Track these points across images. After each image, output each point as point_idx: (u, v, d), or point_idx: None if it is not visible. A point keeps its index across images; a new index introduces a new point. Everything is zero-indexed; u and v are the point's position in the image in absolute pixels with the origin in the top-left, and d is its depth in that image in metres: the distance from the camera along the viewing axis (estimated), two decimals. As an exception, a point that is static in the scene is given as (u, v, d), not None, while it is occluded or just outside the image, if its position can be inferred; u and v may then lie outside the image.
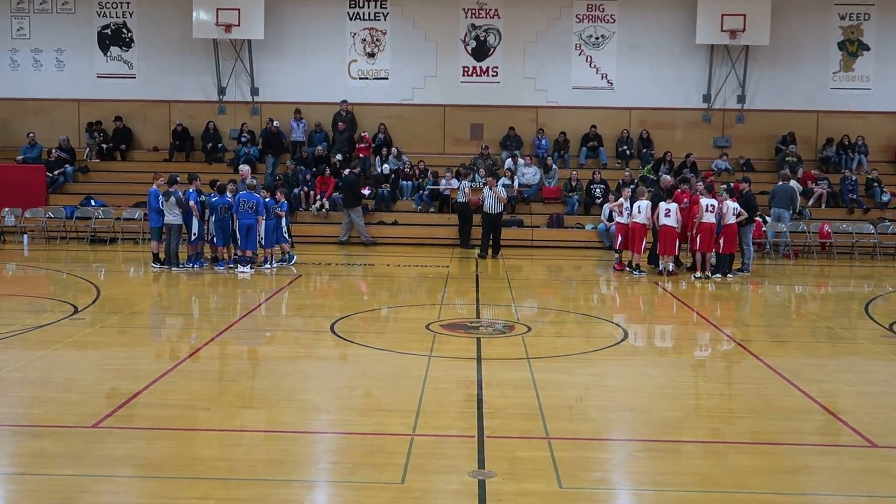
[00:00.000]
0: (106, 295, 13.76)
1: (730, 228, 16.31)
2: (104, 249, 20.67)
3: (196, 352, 9.86)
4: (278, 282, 15.66)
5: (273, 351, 10.26)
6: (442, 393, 8.15)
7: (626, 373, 9.34)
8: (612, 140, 25.51)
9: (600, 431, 7.32)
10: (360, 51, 25.75)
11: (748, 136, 25.55)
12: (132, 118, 25.94)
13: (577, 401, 8.09)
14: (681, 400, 8.23)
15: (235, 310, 13.18)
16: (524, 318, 12.29)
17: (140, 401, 7.74)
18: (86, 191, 23.83)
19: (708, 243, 16.24)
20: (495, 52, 25.63)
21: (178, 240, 16.65)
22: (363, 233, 21.66)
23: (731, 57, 25.17)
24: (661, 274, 16.61)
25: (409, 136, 25.56)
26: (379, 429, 7.09)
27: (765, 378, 9.02)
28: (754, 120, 25.51)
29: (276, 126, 24.64)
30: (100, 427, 6.99)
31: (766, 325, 12.67)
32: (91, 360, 9.36)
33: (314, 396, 8.16)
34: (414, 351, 9.92)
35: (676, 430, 7.26)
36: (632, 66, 25.46)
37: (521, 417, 7.41)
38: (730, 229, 16.31)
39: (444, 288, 15.15)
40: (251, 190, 16.39)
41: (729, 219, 16.27)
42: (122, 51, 25.96)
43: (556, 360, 9.75)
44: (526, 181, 23.75)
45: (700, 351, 10.85)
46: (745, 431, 7.27)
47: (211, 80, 25.80)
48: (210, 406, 7.65)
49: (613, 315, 13.39)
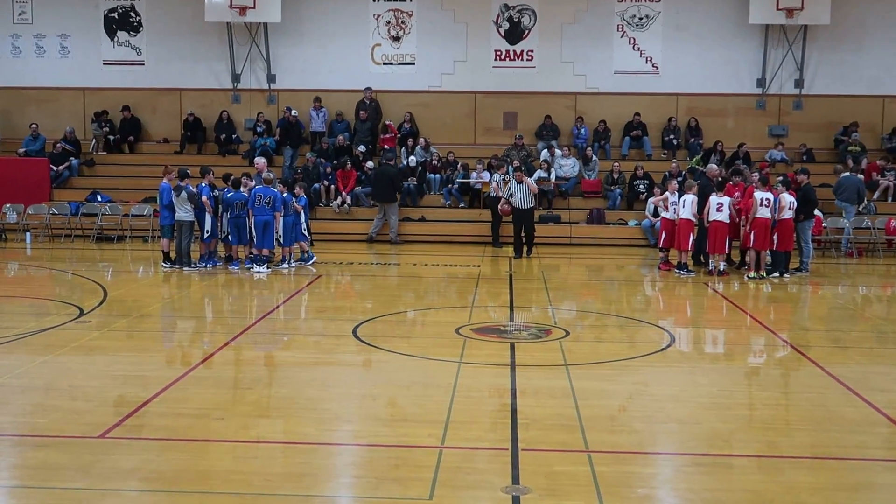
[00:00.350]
0: (113, 296, 13.89)
1: (785, 224, 16.18)
2: (111, 248, 20.87)
3: (209, 357, 9.91)
4: (297, 282, 15.73)
5: (291, 356, 10.30)
6: (473, 402, 8.15)
7: (672, 381, 9.28)
8: (658, 129, 25.39)
9: (644, 444, 7.28)
10: (384, 34, 25.81)
11: (806, 124, 25.31)
12: (141, 108, 26.19)
13: (619, 411, 8.05)
14: (732, 410, 8.17)
15: (251, 312, 13.26)
16: (562, 322, 12.25)
17: (150, 409, 7.80)
18: (92, 185, 24.11)
19: (763, 240, 16.11)
20: (530, 35, 25.59)
21: (190, 238, 16.78)
22: (395, 231, 21.72)
23: (787, 37, 24.94)
24: (711, 274, 16.51)
25: (437, 126, 25.59)
26: (405, 440, 7.09)
27: (825, 387, 8.93)
28: (813, 106, 25.27)
29: (294, 115, 24.76)
30: (107, 437, 7.05)
31: (827, 328, 12.54)
32: (97, 366, 9.44)
33: (335, 405, 8.19)
34: (443, 357, 9.92)
35: (728, 444, 7.21)
36: (679, 49, 25.32)
37: (559, 429, 7.38)
38: (785, 225, 16.18)
39: (476, 289, 15.14)
40: (267, 184, 16.49)
41: (786, 213, 16.13)
42: (130, 36, 26.21)
43: (597, 366, 9.71)
44: (563, 174, 23.68)
45: (754, 357, 10.76)
46: (804, 445, 7.19)
47: (224, 66, 25.99)
48: (224, 415, 7.69)
49: (659, 318, 13.32)
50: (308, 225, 18.03)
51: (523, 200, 19.14)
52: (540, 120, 25.25)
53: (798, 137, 25.14)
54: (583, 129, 25.19)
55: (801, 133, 25.24)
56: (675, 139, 25.05)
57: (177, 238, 16.71)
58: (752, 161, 23.34)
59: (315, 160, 23.48)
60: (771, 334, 11.80)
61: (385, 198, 21.69)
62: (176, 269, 16.55)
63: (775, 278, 16.23)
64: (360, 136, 24.53)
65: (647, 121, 25.25)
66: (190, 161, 22.71)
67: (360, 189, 23.08)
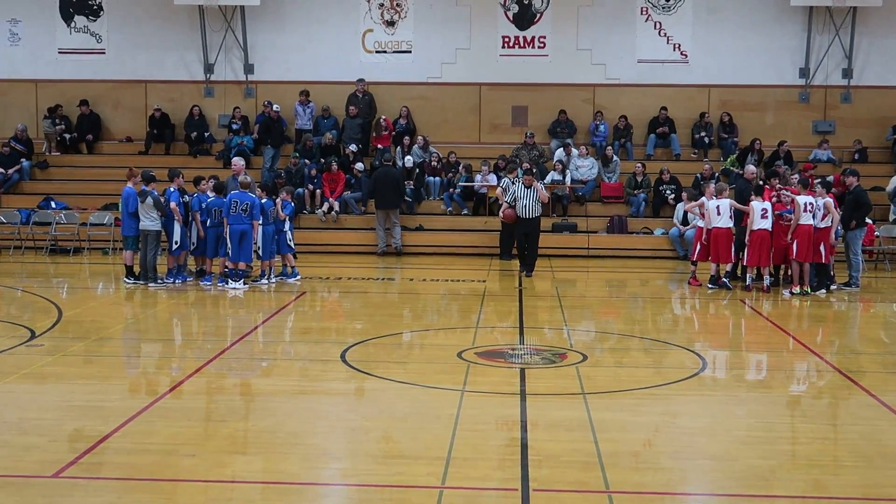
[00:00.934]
0: (69, 316, 13.88)
1: (803, 231, 16.13)
2: (67, 261, 20.87)
3: (178, 386, 9.90)
4: (278, 300, 15.72)
5: (272, 384, 10.29)
6: (478, 436, 8.14)
7: (705, 412, 9.27)
8: (687, 125, 25.43)
9: (673, 484, 7.27)
10: (376, 18, 25.88)
11: (856, 119, 25.35)
12: (101, 102, 26.24)
13: (643, 446, 8.04)
14: (773, 445, 8.15)
15: (226, 334, 13.24)
16: (579, 345, 12.25)
17: (110, 445, 7.79)
18: (45, 191, 24.14)
19: (806, 251, 16.11)
20: (542, 19, 25.66)
21: (157, 250, 16.79)
22: (398, 240, 21.79)
23: (834, 22, 25.00)
24: (749, 290, 16.50)
25: (437, 122, 25.65)
26: (401, 480, 7.09)
27: (878, 418, 8.93)
28: (864, 99, 25.30)
29: (276, 110, 24.76)
30: (62, 477, 7.04)
31: (881, 352, 12.53)
32: (51, 396, 9.43)
33: (322, 440, 8.19)
34: (443, 385, 9.91)
35: (768, 483, 7.20)
36: (711, 34, 25.37)
37: (576, 466, 7.38)
38: (803, 231, 16.14)
39: (481, 308, 15.14)
40: (244, 189, 16.51)
41: (804, 218, 16.08)
42: (90, 21, 26.28)
43: (619, 395, 9.70)
44: (580, 176, 23.72)
45: (797, 384, 10.76)
46: (855, 484, 7.19)
47: (196, 55, 26.05)
48: (195, 452, 7.69)
49: (689, 340, 13.32)
50: (292, 235, 18.04)
51: (529, 208, 18.15)
52: (553, 115, 25.29)
53: (846, 134, 25.18)
54: (602, 125, 25.23)
55: (850, 129, 25.28)
56: (707, 137, 25.08)
57: (141, 250, 16.71)
58: (794, 161, 23.39)
59: (299, 161, 23.50)
60: (816, 358, 11.79)
61: (389, 204, 21.72)
62: (140, 286, 16.55)
63: (823, 294, 16.24)
64: (351, 133, 24.53)
65: (674, 116, 25.28)
66: (157, 163, 22.77)
67: (350, 194, 23.10)
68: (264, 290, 16.59)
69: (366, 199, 22.78)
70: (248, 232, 16.47)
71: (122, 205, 16.91)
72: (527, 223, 18.29)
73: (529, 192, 18.12)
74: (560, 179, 23.01)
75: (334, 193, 23.00)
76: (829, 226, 16.32)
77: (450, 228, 22.88)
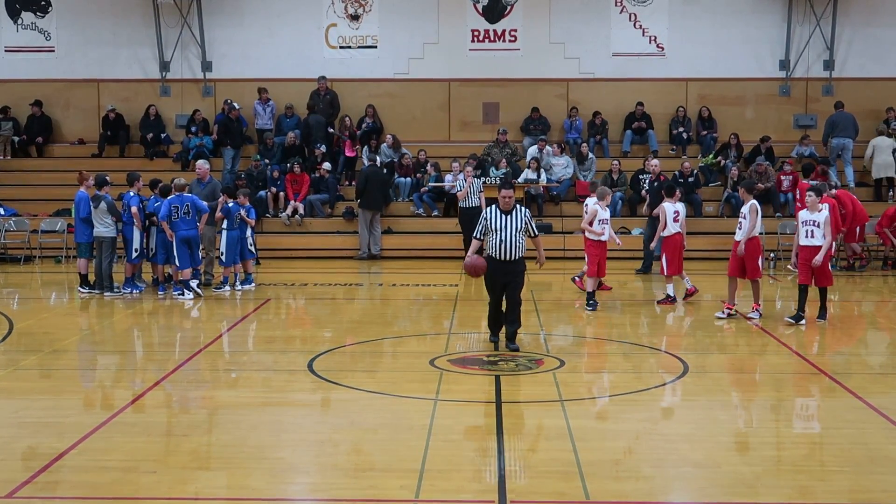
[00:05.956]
0: (21, 328, 13.79)
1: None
2: (17, 270, 20.73)
3: (137, 399, 9.87)
4: (242, 308, 15.68)
5: (235, 396, 10.26)
6: (452, 447, 8.16)
7: (687, 417, 9.33)
8: (664, 121, 25.54)
9: (655, 493, 7.31)
10: (340, 12, 25.86)
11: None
12: (51, 102, 26.07)
13: (624, 454, 8.08)
14: (758, 451, 8.22)
15: (187, 345, 13.20)
16: (556, 350, 12.28)
17: (66, 463, 7.75)
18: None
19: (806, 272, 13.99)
20: (513, 11, 25.70)
21: (112, 257, 16.69)
22: (377, 243, 21.86)
23: (814, 11, 25.18)
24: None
25: (405, 121, 25.64)
26: (372, 493, 7.09)
27: (865, 421, 9.01)
28: (846, 91, 25.44)
29: (236, 109, 24.66)
30: (14, 497, 7.00)
31: (867, 352, 12.62)
32: (3, 413, 9.37)
33: (289, 454, 8.17)
34: (415, 394, 9.93)
35: (753, 490, 7.25)
36: (688, 26, 25.51)
37: (554, 476, 7.41)
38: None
39: (453, 313, 15.16)
40: (179, 192, 16.39)
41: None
42: (37, 17, 26.12)
43: (598, 402, 9.73)
44: (555, 175, 23.78)
45: (781, 387, 10.82)
46: (842, 490, 7.26)
47: (151, 52, 25.93)
48: (156, 468, 7.66)
49: (671, 344, 13.36)
50: (254, 239, 17.99)
51: (509, 245, 11.97)
52: (526, 112, 25.35)
53: (829, 128, 25.30)
54: (577, 121, 25.31)
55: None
56: (686, 132, 25.19)
57: (96, 258, 16.64)
58: (775, 157, 23.53)
59: (261, 163, 23.45)
60: (801, 360, 11.88)
61: (376, 205, 21.82)
62: (96, 295, 16.47)
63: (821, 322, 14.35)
64: (317, 133, 24.45)
65: (651, 111, 25.37)
66: (111, 165, 22.69)
67: (316, 196, 23.06)
68: (226, 297, 16.53)
69: (358, 196, 22.21)
70: (194, 237, 16.33)
71: (75, 210, 16.83)
72: (505, 268, 12.11)
73: (510, 219, 12.04)
74: (534, 178, 23.05)
75: (298, 196, 22.96)
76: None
77: (420, 231, 22.89)
